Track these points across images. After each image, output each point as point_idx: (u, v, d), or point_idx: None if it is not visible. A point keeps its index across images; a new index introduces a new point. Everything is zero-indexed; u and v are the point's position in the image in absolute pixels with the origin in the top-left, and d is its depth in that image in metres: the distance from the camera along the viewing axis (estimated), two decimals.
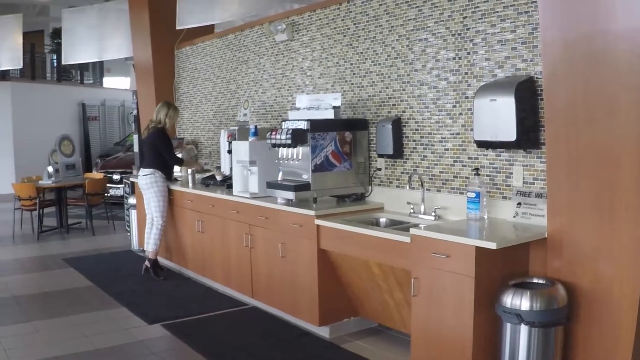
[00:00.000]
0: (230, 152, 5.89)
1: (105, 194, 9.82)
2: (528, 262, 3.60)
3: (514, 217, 3.77)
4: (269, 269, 5.06)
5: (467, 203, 3.91)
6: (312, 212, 4.49)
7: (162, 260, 6.80)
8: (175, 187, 6.56)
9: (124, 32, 8.61)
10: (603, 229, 3.17)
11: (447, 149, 4.31)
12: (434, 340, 3.59)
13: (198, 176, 6.62)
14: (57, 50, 15.21)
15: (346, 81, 5.18)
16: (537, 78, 3.66)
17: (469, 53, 4.10)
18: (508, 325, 3.27)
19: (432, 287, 3.55)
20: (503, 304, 3.26)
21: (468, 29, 4.08)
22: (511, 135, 3.60)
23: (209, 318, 5.16)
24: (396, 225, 4.36)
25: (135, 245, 7.86)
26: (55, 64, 17.08)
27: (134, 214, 7.76)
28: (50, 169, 9.46)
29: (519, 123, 3.57)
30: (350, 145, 4.82)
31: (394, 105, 4.72)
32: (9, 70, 13.35)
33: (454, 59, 4.20)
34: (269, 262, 5.04)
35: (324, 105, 4.89)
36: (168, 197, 6.50)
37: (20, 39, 9.89)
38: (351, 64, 5.11)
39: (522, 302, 3.19)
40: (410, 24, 4.52)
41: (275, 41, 6.07)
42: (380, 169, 4.87)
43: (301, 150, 4.71)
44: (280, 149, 4.84)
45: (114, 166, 12.11)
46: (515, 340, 3.25)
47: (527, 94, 3.62)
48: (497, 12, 3.88)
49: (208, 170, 6.86)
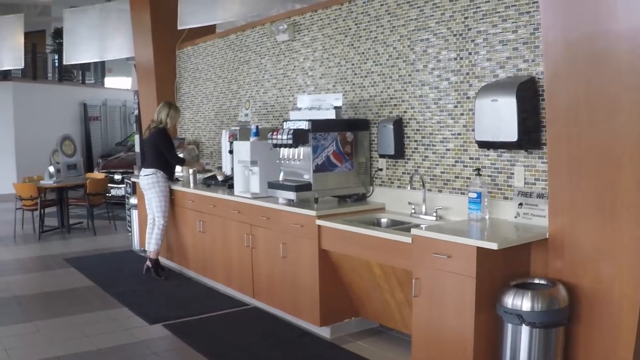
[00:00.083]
0: (231, 152, 5.89)
1: (106, 194, 9.83)
2: (529, 262, 3.59)
3: (515, 217, 3.77)
4: (270, 269, 5.06)
5: (469, 203, 3.91)
6: (313, 213, 4.49)
7: (163, 261, 6.81)
8: (176, 187, 6.56)
9: (125, 32, 8.61)
10: (604, 230, 3.17)
11: (448, 149, 4.31)
12: (435, 340, 3.59)
13: (199, 176, 6.62)
14: (59, 50, 15.22)
15: (347, 81, 5.17)
16: (538, 78, 3.66)
17: (470, 53, 4.09)
18: (509, 326, 3.27)
19: (433, 288, 3.55)
20: (504, 305, 3.26)
21: (469, 29, 4.08)
22: (512, 136, 3.60)
23: (210, 318, 5.16)
24: (397, 225, 4.35)
25: (136, 245, 7.86)
26: (56, 64, 17.09)
27: (135, 214, 7.76)
28: (52, 169, 9.47)
29: (520, 123, 3.57)
30: (351, 145, 4.82)
31: (395, 105, 4.72)
32: (10, 70, 13.36)
33: (456, 59, 4.19)
34: (270, 262, 5.04)
35: (326, 105, 4.88)
36: (169, 197, 6.50)
37: (22, 39, 9.90)
38: (352, 64, 5.11)
39: (523, 302, 3.19)
40: (411, 24, 4.52)
41: (276, 41, 6.07)
42: (381, 169, 4.86)
43: (302, 151, 4.71)
44: (282, 149, 4.84)
45: (116, 166, 12.12)
46: (517, 340, 3.25)
47: (528, 95, 3.62)
48: (499, 12, 3.88)
49: (209, 171, 6.86)
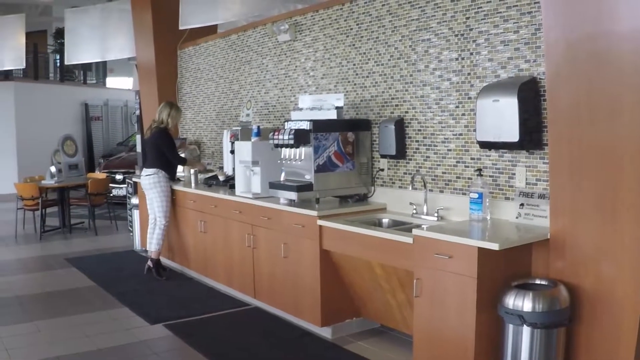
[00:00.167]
0: (232, 152, 5.89)
1: (107, 194, 9.83)
2: (530, 263, 3.59)
3: (517, 218, 3.77)
4: (271, 270, 5.06)
5: (470, 204, 3.90)
6: (314, 213, 4.49)
7: (164, 261, 6.80)
8: (177, 187, 6.56)
9: (126, 32, 8.62)
10: (605, 230, 3.16)
11: (449, 150, 4.31)
12: (436, 341, 3.58)
13: (201, 176, 6.62)
14: (60, 50, 15.23)
15: (349, 81, 5.17)
16: (540, 79, 3.65)
17: (471, 53, 4.09)
18: (510, 327, 3.26)
19: (434, 288, 3.55)
20: (505, 305, 3.25)
21: (471, 30, 4.08)
22: (514, 136, 3.59)
23: (211, 318, 5.16)
24: (399, 225, 4.35)
25: (137, 245, 7.86)
26: (58, 64, 17.10)
27: (136, 214, 7.77)
28: (53, 168, 9.48)
29: (521, 124, 3.56)
30: (352, 145, 4.81)
31: (396, 105, 4.71)
32: (12, 70, 13.37)
33: (457, 59, 4.19)
34: (271, 262, 5.04)
35: (327, 105, 4.88)
36: (171, 197, 6.50)
37: (23, 39, 9.92)
38: (354, 65, 5.11)
39: (524, 303, 3.19)
40: (413, 25, 4.52)
41: (278, 41, 6.07)
42: (382, 170, 4.86)
43: (304, 151, 4.71)
44: (283, 149, 4.84)
45: (117, 166, 12.13)
46: (518, 341, 3.24)
47: (530, 95, 3.62)
48: (500, 12, 3.87)
49: (211, 171, 6.87)
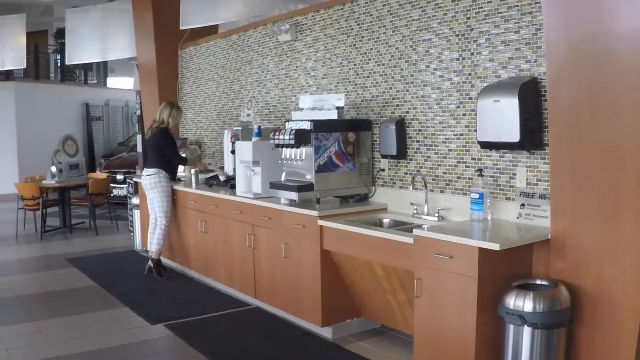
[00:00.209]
0: (233, 152, 5.89)
1: (108, 194, 9.83)
2: (531, 263, 3.59)
3: (517, 218, 3.77)
4: (272, 270, 5.06)
5: (471, 204, 3.90)
6: (315, 213, 4.49)
7: (165, 261, 6.80)
8: (178, 187, 6.56)
9: (127, 32, 8.62)
10: (607, 230, 3.16)
11: (450, 150, 4.30)
12: (436, 341, 3.58)
13: (201, 176, 6.62)
14: (61, 50, 15.22)
15: (350, 82, 5.17)
16: (540, 79, 3.65)
17: (472, 54, 4.09)
18: (511, 327, 3.26)
19: (435, 288, 3.55)
20: (506, 305, 3.25)
21: (472, 30, 4.08)
22: (515, 136, 3.59)
23: (211, 318, 5.16)
24: (399, 226, 4.35)
25: (138, 245, 7.86)
26: (59, 64, 17.10)
27: (137, 214, 7.77)
28: (54, 168, 9.48)
29: (522, 124, 3.56)
30: (353, 145, 4.81)
31: (397, 105, 4.71)
32: (12, 70, 13.37)
33: (458, 59, 4.19)
34: (272, 262, 5.04)
35: (328, 105, 4.88)
36: (172, 197, 6.50)
37: (24, 39, 9.92)
38: (355, 65, 5.11)
39: (525, 303, 3.19)
40: (413, 25, 4.52)
41: (278, 41, 6.07)
42: (383, 170, 4.86)
43: (304, 151, 4.71)
44: (284, 149, 4.84)
45: (118, 166, 12.13)
46: (518, 341, 3.24)
47: (530, 95, 3.62)
48: (501, 12, 3.87)
49: (211, 171, 6.87)
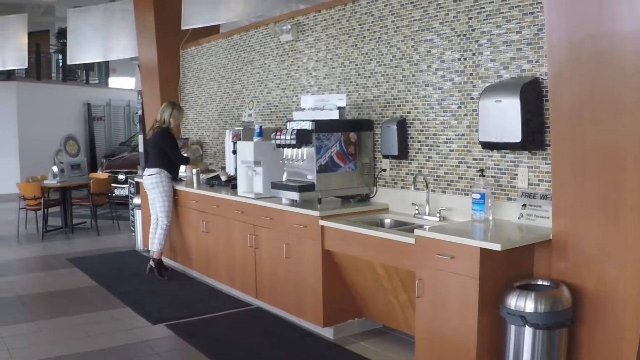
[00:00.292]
0: (235, 152, 5.89)
1: (110, 194, 9.84)
2: (533, 263, 3.59)
3: (519, 218, 3.76)
4: (273, 270, 5.06)
5: (472, 204, 3.90)
6: (316, 213, 4.49)
7: (166, 261, 6.81)
8: (180, 187, 6.56)
9: (129, 32, 8.63)
10: (608, 231, 3.16)
11: (452, 150, 4.30)
12: (438, 341, 3.58)
13: (203, 176, 6.62)
14: (63, 50, 15.24)
15: (351, 82, 5.17)
16: (542, 79, 3.65)
17: (474, 54, 4.09)
18: (512, 327, 3.26)
19: (436, 289, 3.54)
20: (507, 306, 3.25)
21: (473, 30, 4.08)
22: (516, 137, 3.59)
23: (213, 318, 5.16)
24: (401, 226, 4.35)
25: (139, 245, 7.87)
26: (60, 64, 17.11)
27: (138, 214, 7.77)
28: (55, 168, 9.48)
29: (524, 124, 3.56)
30: (355, 146, 4.81)
31: (399, 106, 4.71)
32: (14, 70, 13.38)
33: (459, 59, 4.19)
34: (273, 262, 5.04)
35: (329, 105, 4.88)
36: (173, 197, 6.50)
37: (26, 38, 9.92)
38: (356, 65, 5.11)
39: (526, 303, 3.18)
40: (415, 25, 4.52)
41: (280, 41, 6.07)
42: (385, 170, 4.86)
43: (306, 151, 4.71)
44: (285, 149, 4.84)
45: (119, 166, 12.13)
46: (520, 342, 3.24)
47: (532, 95, 3.61)
48: (503, 12, 3.87)
49: (213, 171, 6.87)
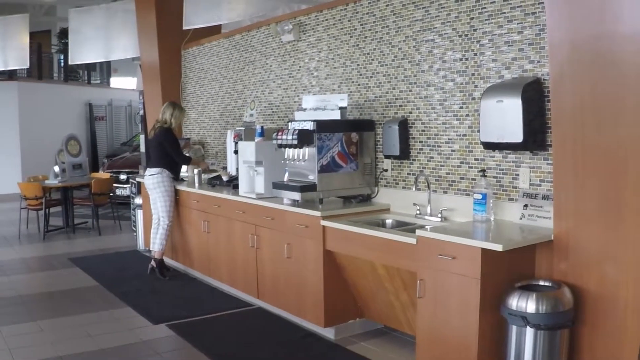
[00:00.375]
0: (236, 152, 5.89)
1: (111, 194, 9.84)
2: (534, 264, 3.58)
3: (520, 219, 3.76)
4: (274, 270, 5.06)
5: (474, 205, 3.90)
6: (318, 213, 4.48)
7: (168, 261, 6.81)
8: (181, 187, 6.56)
9: (130, 32, 8.63)
10: (609, 232, 3.15)
11: (453, 150, 4.30)
12: (439, 342, 3.58)
13: (204, 176, 6.62)
14: (64, 50, 15.25)
15: (353, 82, 5.17)
16: (544, 79, 3.65)
17: (475, 54, 4.08)
18: (514, 328, 3.26)
19: (437, 289, 3.54)
20: (509, 306, 3.25)
21: (475, 30, 4.07)
22: (518, 137, 3.59)
23: (214, 318, 5.17)
24: (402, 226, 4.35)
25: (141, 245, 7.87)
26: (62, 64, 17.12)
27: (140, 213, 7.78)
28: (57, 168, 9.49)
29: (525, 124, 3.56)
30: (356, 146, 4.81)
31: (400, 106, 4.71)
32: (16, 70, 13.39)
33: (461, 60, 4.19)
34: (274, 262, 5.04)
35: (331, 105, 4.88)
36: (174, 197, 6.51)
37: (27, 38, 9.92)
38: (358, 65, 5.11)
39: (528, 304, 3.18)
40: (417, 25, 4.51)
41: (281, 41, 6.07)
42: (386, 170, 4.86)
43: (307, 151, 4.71)
44: (287, 149, 4.84)
45: (121, 166, 12.13)
46: (521, 342, 3.23)
47: (534, 96, 3.61)
48: (504, 13, 3.87)
49: (214, 171, 6.87)
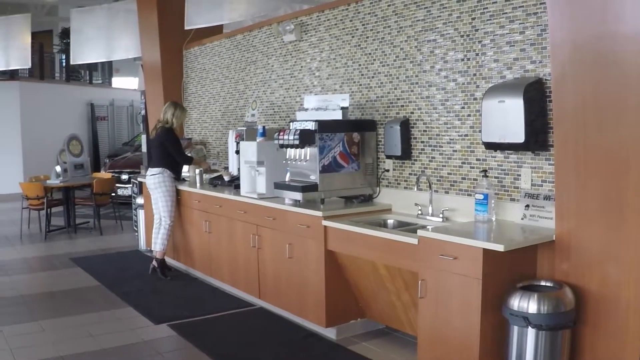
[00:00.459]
0: (238, 152, 5.89)
1: (113, 194, 9.84)
2: (536, 264, 3.58)
3: (522, 219, 3.76)
4: (276, 270, 5.05)
5: (475, 205, 3.89)
6: (319, 213, 4.48)
7: (169, 261, 6.81)
8: (183, 187, 6.57)
9: (132, 32, 8.63)
10: (611, 232, 3.15)
11: (455, 151, 4.30)
12: (440, 342, 3.58)
13: (206, 176, 6.63)
14: (66, 50, 15.27)
15: (354, 82, 5.17)
16: (545, 79, 3.64)
17: (477, 54, 4.08)
18: (515, 328, 3.26)
19: (439, 289, 3.54)
20: (510, 307, 3.25)
21: (477, 30, 4.07)
22: (519, 137, 3.59)
23: (215, 318, 5.17)
24: (404, 226, 4.34)
25: (142, 245, 7.87)
26: (64, 64, 17.14)
27: (141, 213, 7.78)
28: (59, 168, 9.50)
29: (527, 125, 3.56)
30: (358, 146, 4.81)
31: (402, 106, 4.71)
32: (17, 70, 13.40)
33: (463, 60, 4.18)
34: (276, 262, 5.04)
35: (332, 106, 4.88)
36: (176, 197, 6.51)
37: (29, 38, 9.93)
38: (359, 65, 5.10)
39: (529, 304, 3.18)
40: (418, 25, 4.51)
41: (283, 42, 6.07)
42: (388, 170, 4.86)
43: (309, 151, 4.71)
44: (288, 149, 4.84)
45: (122, 166, 12.15)
46: (522, 343, 3.23)
47: (535, 96, 3.61)
48: (506, 13, 3.86)
49: (216, 171, 6.87)
